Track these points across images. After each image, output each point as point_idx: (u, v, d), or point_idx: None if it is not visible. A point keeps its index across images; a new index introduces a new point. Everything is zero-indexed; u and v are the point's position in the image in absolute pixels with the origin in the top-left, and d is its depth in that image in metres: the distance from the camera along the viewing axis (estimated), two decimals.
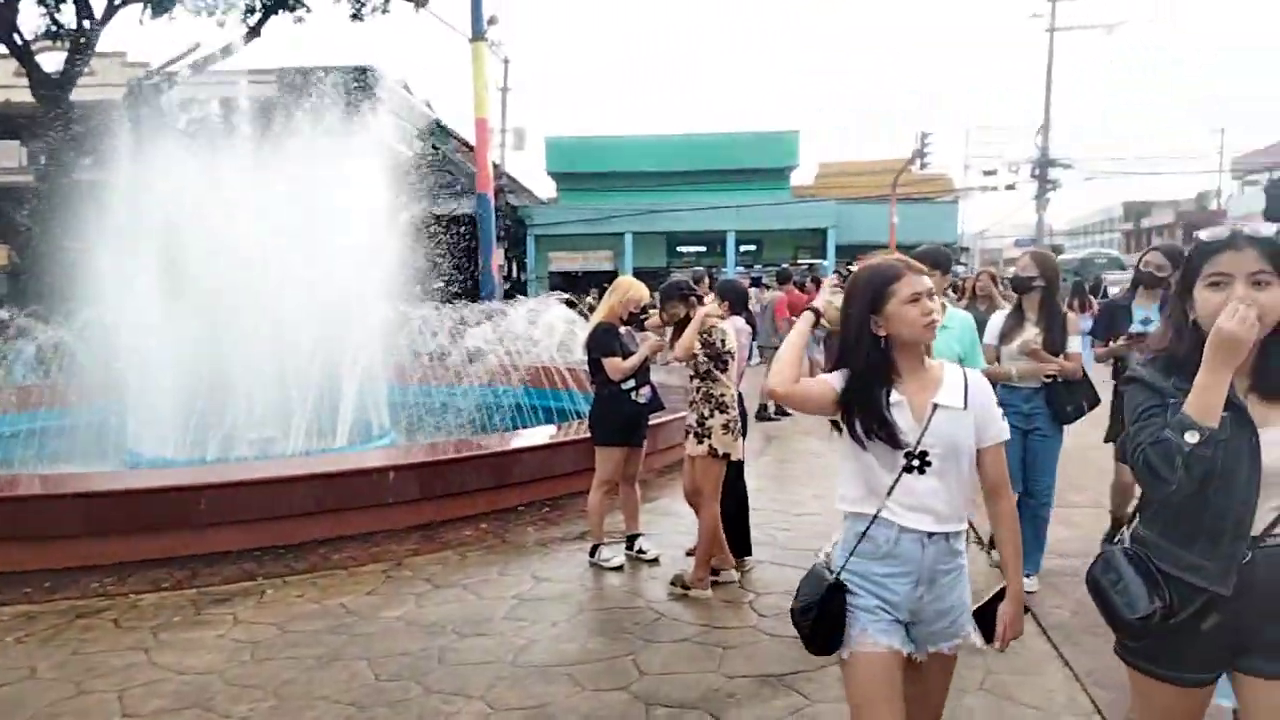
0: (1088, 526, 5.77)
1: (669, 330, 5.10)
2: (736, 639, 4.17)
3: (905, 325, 2.17)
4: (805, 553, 5.34)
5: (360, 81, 15.44)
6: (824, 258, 35.33)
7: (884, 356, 2.20)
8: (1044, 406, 4.58)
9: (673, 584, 4.70)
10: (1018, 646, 3.94)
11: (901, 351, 2.20)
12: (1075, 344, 4.59)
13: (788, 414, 10.15)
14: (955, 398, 2.19)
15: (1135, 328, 4.89)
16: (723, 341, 4.71)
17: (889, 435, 2.13)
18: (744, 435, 4.89)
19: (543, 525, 6.13)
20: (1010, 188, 32.50)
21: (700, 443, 4.71)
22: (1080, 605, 4.43)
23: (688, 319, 4.80)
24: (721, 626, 4.32)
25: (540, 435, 7.46)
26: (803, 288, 13.96)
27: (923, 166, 30.58)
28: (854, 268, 2.42)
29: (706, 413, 4.71)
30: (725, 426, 4.70)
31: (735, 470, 4.96)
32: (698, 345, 4.70)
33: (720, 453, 4.68)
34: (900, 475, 2.15)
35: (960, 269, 34.90)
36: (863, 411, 2.15)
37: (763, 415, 10.27)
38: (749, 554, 5.24)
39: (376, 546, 5.62)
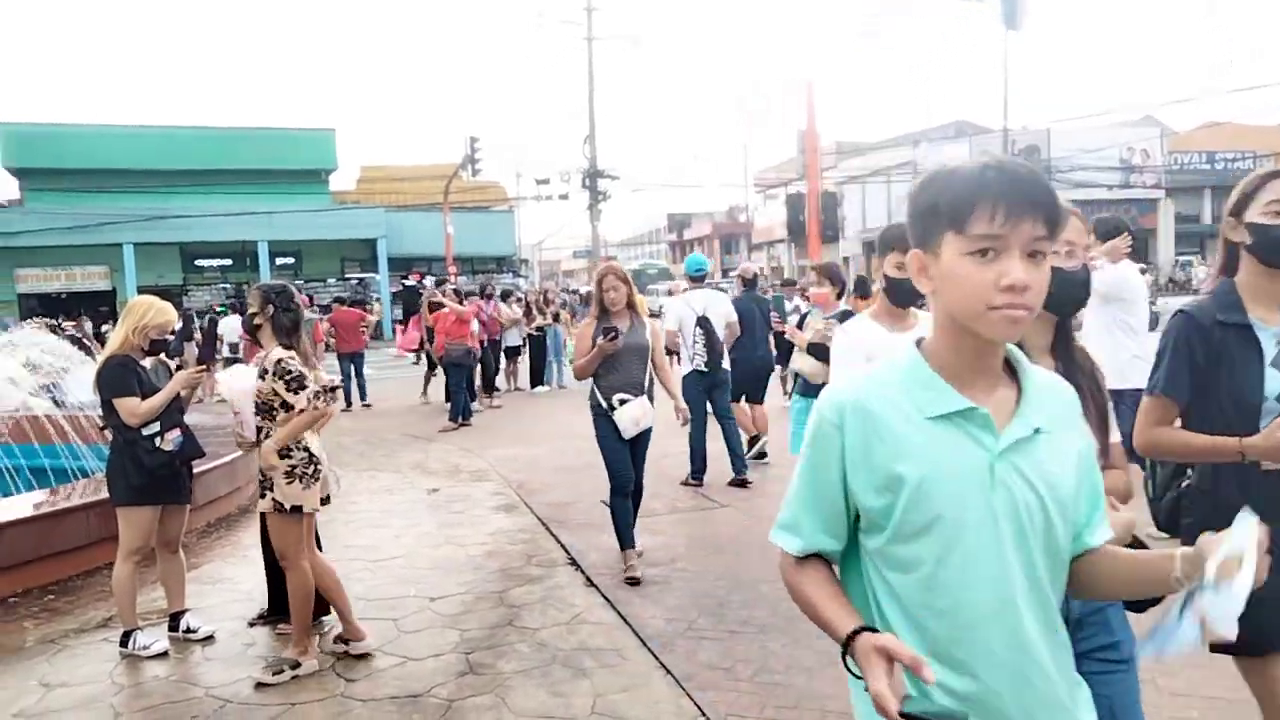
0: (670, 533, 6.43)
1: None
2: (322, 712, 3.93)
3: None
4: (389, 602, 5.22)
5: None
6: (376, 270, 34.98)
7: None
8: None
9: (277, 672, 4.24)
10: (618, 661, 4.28)
11: None
12: None
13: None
14: None
15: None
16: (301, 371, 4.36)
17: None
18: (317, 479, 4.56)
19: (47, 618, 5.22)
20: (564, 197, 34.73)
21: (263, 496, 4.35)
22: (672, 610, 4.92)
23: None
24: (304, 701, 4.03)
25: (28, 503, 6.33)
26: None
27: (475, 173, 31.57)
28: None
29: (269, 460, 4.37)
30: (289, 474, 4.32)
31: None
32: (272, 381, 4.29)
33: (287, 506, 4.33)
34: None
35: (521, 281, 36.76)
36: None
37: None
38: (326, 613, 4.97)
39: None
